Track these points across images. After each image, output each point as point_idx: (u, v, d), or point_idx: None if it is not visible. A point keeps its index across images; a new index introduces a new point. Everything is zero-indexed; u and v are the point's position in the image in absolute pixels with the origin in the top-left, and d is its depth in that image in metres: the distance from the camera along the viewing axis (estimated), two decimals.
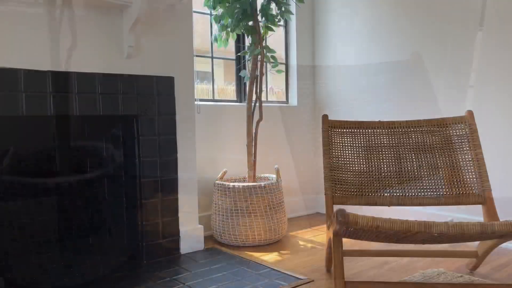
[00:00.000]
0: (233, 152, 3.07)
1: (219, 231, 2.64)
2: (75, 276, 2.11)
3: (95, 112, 2.12)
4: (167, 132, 2.38)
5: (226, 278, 2.07)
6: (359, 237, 1.61)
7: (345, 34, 3.28)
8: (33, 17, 1.96)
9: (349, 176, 2.17)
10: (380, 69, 3.07)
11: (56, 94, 2.01)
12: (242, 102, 3.19)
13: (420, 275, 2.06)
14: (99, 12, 2.15)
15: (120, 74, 2.20)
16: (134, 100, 2.25)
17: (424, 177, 2.14)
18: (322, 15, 3.45)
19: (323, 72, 3.47)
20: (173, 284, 2.00)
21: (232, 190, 2.59)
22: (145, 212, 2.31)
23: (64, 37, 2.05)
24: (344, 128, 2.25)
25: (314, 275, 2.11)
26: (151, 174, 2.32)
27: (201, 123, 2.89)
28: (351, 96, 3.27)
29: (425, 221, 1.34)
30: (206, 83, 3.07)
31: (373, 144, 2.23)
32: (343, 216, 1.34)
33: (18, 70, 1.91)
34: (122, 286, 1.98)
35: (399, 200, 2.12)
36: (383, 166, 2.19)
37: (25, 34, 1.94)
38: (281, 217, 2.69)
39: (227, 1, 2.64)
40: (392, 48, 2.99)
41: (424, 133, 2.22)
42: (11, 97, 1.89)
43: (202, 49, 3.07)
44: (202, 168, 2.90)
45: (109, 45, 2.19)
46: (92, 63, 2.13)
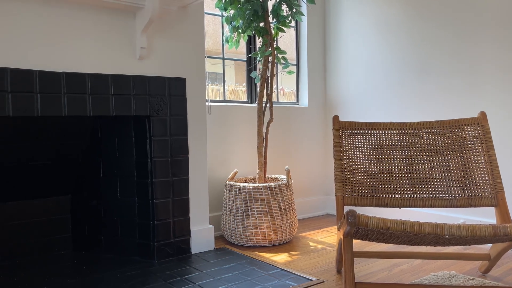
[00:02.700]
0: (244, 152, 3.08)
1: (229, 231, 2.65)
2: (88, 273, 2.14)
3: (108, 112, 2.15)
4: (178, 132, 2.40)
5: (237, 278, 2.08)
6: (370, 238, 1.60)
7: (356, 34, 3.27)
8: (46, 18, 2.00)
9: (360, 178, 2.16)
10: (391, 69, 3.06)
11: (70, 95, 2.04)
12: (253, 103, 3.20)
13: (432, 277, 2.04)
14: (113, 14, 2.18)
15: (132, 75, 2.23)
16: (146, 101, 2.27)
17: (436, 178, 2.12)
18: (333, 16, 3.45)
19: (334, 73, 3.47)
20: (184, 283, 2.02)
21: (242, 190, 2.60)
22: (156, 211, 2.33)
23: (78, 38, 2.08)
24: (355, 129, 2.25)
25: (324, 276, 2.11)
26: (162, 174, 2.34)
27: (212, 124, 2.91)
28: (362, 97, 3.26)
29: (436, 223, 1.33)
30: (217, 84, 3.09)
31: (384, 145, 2.23)
32: (353, 217, 1.35)
33: (34, 71, 1.95)
34: (133, 284, 2.00)
35: (410, 202, 2.11)
36: (394, 167, 2.18)
37: (39, 36, 1.98)
38: (292, 217, 2.69)
39: (238, 2, 2.65)
40: (403, 49, 2.97)
41: (436, 134, 2.20)
42: (27, 97, 1.93)
43: (213, 50, 3.09)
44: (212, 168, 2.92)
45: (122, 47, 2.21)
46: (105, 64, 2.16)
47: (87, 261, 2.35)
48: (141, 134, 2.33)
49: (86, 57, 2.11)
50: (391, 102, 3.07)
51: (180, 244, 2.42)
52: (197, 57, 2.49)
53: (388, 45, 3.06)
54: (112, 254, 2.44)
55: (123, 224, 2.41)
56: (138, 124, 2.35)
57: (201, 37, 2.50)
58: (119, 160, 2.40)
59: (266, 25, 2.71)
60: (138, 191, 2.37)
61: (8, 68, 1.88)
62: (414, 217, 2.94)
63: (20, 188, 2.35)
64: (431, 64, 2.83)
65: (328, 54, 3.51)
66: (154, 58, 2.32)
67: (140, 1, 2.14)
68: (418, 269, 2.20)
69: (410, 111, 2.96)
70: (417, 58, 2.90)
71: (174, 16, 2.38)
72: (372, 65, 3.18)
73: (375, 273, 2.15)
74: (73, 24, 2.07)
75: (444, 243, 1.55)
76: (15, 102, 1.90)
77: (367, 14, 3.20)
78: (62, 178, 2.48)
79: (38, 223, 2.42)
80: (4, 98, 1.87)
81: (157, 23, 2.32)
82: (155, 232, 2.33)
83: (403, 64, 2.99)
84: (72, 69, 2.07)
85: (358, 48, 3.27)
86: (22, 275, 2.13)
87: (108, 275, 2.13)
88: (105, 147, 2.43)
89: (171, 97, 2.36)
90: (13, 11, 1.91)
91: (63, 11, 2.04)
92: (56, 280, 2.06)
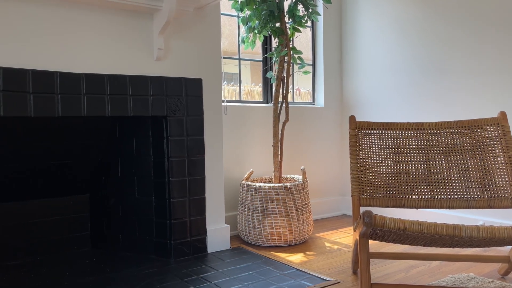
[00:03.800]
0: (259, 153, 3.09)
1: (245, 231, 2.67)
2: (106, 271, 2.18)
3: (126, 113, 2.18)
4: (195, 132, 2.42)
5: (252, 278, 2.09)
6: (386, 239, 1.59)
7: (373, 34, 3.25)
8: (67, 21, 2.04)
9: (376, 178, 2.15)
10: (408, 69, 3.03)
11: (90, 96, 2.08)
12: (269, 103, 3.21)
13: (450, 279, 2.02)
14: (131, 16, 2.21)
15: (150, 76, 2.26)
16: (163, 101, 2.30)
17: (454, 179, 2.10)
18: (349, 16, 3.43)
19: (350, 73, 3.45)
20: (200, 282, 2.04)
21: (258, 190, 2.61)
22: (173, 211, 2.35)
23: (97, 40, 2.12)
24: (372, 129, 2.24)
25: (340, 277, 2.11)
26: (179, 174, 2.37)
27: (228, 124, 2.93)
28: (378, 97, 3.24)
29: (454, 224, 1.32)
30: (233, 84, 3.11)
31: (401, 146, 2.21)
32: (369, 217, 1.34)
33: (55, 72, 1.99)
34: (150, 282, 2.03)
35: (427, 203, 2.09)
36: (411, 168, 2.16)
37: (60, 38, 2.03)
38: (307, 218, 2.69)
39: (254, 3, 2.66)
40: (421, 48, 2.94)
41: (454, 134, 2.17)
42: (48, 98, 1.97)
43: (229, 51, 3.11)
44: (228, 168, 2.93)
45: (140, 48, 2.25)
46: (123, 65, 2.20)
47: (105, 258, 2.39)
48: (159, 134, 2.36)
49: (105, 59, 2.15)
50: (408, 102, 3.04)
51: (196, 243, 2.45)
52: (213, 57, 2.51)
53: (406, 44, 3.03)
54: (130, 252, 2.48)
55: (140, 223, 2.45)
56: (155, 124, 2.38)
57: (217, 38, 2.52)
58: (136, 160, 2.44)
59: (282, 25, 2.71)
60: (155, 191, 2.40)
61: (30, 69, 1.93)
62: (432, 218, 2.90)
63: (40, 187, 2.41)
64: (449, 64, 2.79)
65: (344, 54, 3.49)
66: (171, 59, 2.35)
67: (158, 3, 2.17)
68: (436, 271, 2.17)
69: (428, 111, 2.92)
70: (434, 58, 2.87)
71: (190, 17, 2.41)
72: (389, 65, 3.15)
73: (391, 274, 2.13)
74: (93, 26, 2.11)
75: (462, 244, 1.53)
76: (37, 103, 1.95)
77: (383, 13, 3.17)
78: (81, 177, 2.53)
79: (58, 221, 2.48)
80: (25, 98, 1.92)
81: (174, 24, 2.35)
82: (172, 231, 2.36)
83: (420, 64, 2.95)
84: (92, 70, 2.11)
85: (375, 47, 3.25)
86: (43, 272, 2.18)
87: (126, 272, 2.16)
88: (123, 147, 2.47)
89: (187, 97, 2.39)
90: (35, 14, 1.96)
91: (83, 14, 2.08)
92: (75, 277, 2.11)
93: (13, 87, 1.89)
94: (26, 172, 2.33)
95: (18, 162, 2.29)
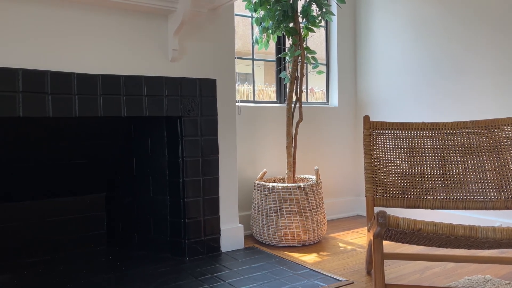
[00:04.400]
0: (273, 153, 3.09)
1: (258, 231, 2.67)
2: (122, 269, 2.21)
3: (141, 113, 2.21)
4: (209, 132, 2.44)
5: (266, 277, 2.09)
6: (401, 240, 1.59)
7: (387, 33, 3.23)
8: (84, 23, 2.08)
9: (391, 178, 2.14)
10: (423, 68, 3.00)
11: (106, 96, 2.12)
12: (282, 103, 3.21)
13: (466, 281, 2.00)
14: (146, 17, 2.24)
15: (165, 77, 2.28)
16: (178, 102, 2.32)
17: (470, 180, 2.07)
18: (364, 15, 3.41)
19: (365, 72, 3.43)
20: (214, 281, 2.05)
21: (271, 190, 2.61)
22: (187, 210, 2.38)
23: (113, 41, 2.15)
24: (386, 130, 2.22)
25: (354, 277, 2.10)
26: (193, 173, 2.39)
27: (241, 124, 2.94)
28: (393, 97, 3.21)
29: (470, 225, 1.31)
30: (247, 84, 3.12)
31: (416, 146, 2.19)
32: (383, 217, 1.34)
33: (72, 73, 2.03)
34: (165, 280, 2.05)
35: (443, 204, 2.07)
36: (427, 168, 2.14)
37: (77, 39, 2.06)
38: (321, 218, 2.68)
39: (268, 3, 2.67)
40: (436, 47, 2.91)
41: (471, 134, 2.15)
42: (66, 99, 2.01)
43: (243, 51, 3.12)
44: (242, 168, 2.95)
45: (155, 49, 2.27)
46: (139, 66, 2.23)
47: (121, 257, 2.42)
48: (173, 134, 2.39)
49: (121, 60, 2.18)
50: (423, 102, 3.01)
51: (210, 242, 2.46)
52: (227, 58, 2.52)
53: (420, 44, 3.00)
54: (145, 251, 2.51)
55: (155, 222, 2.48)
56: (170, 124, 2.40)
57: (231, 38, 2.53)
58: (151, 160, 2.47)
59: (295, 26, 2.71)
60: (170, 190, 2.43)
61: (48, 71, 1.97)
62: (447, 219, 2.87)
63: (58, 186, 2.46)
64: (464, 63, 2.76)
65: (358, 53, 3.48)
66: (186, 60, 2.37)
67: (173, 4, 2.19)
68: (452, 272, 2.15)
69: (443, 111, 2.89)
70: (450, 57, 2.83)
71: (205, 18, 2.43)
72: (403, 65, 3.13)
73: (406, 275, 2.12)
74: (109, 28, 2.14)
75: (478, 246, 1.51)
76: (55, 104, 1.99)
77: (398, 12, 3.15)
78: (97, 177, 2.57)
79: (75, 220, 2.52)
80: (44, 99, 1.96)
81: (189, 25, 2.37)
82: (186, 230, 2.38)
83: (435, 63, 2.92)
84: (108, 71, 2.14)
85: (389, 47, 3.22)
86: (60, 269, 2.22)
87: (141, 271, 2.19)
88: (138, 147, 2.50)
89: (202, 98, 2.41)
90: (52, 17, 2.00)
91: (100, 16, 2.11)
92: (92, 275, 2.14)
93: (32, 88, 1.93)
94: (44, 172, 2.38)
95: (36, 162, 2.34)
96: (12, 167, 2.30)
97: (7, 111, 1.88)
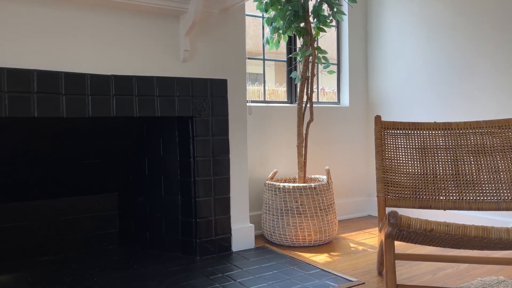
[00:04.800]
0: (284, 152, 3.10)
1: (269, 231, 2.68)
2: (134, 267, 2.24)
3: (153, 113, 2.23)
4: (220, 132, 2.45)
5: (277, 277, 2.10)
6: (412, 240, 1.58)
7: (399, 32, 3.21)
8: (97, 25, 2.10)
9: (403, 179, 2.12)
10: (435, 68, 2.97)
11: (118, 97, 2.14)
12: (293, 103, 3.21)
13: (479, 282, 1.98)
14: (158, 18, 2.26)
15: (176, 77, 2.30)
16: (189, 102, 2.34)
17: (484, 180, 2.05)
18: (375, 14, 3.39)
19: (376, 72, 3.41)
20: (225, 280, 2.06)
21: (282, 190, 2.61)
22: (199, 209, 2.39)
23: (125, 43, 2.18)
24: (398, 129, 2.21)
25: (365, 278, 2.09)
26: (204, 173, 2.40)
27: (252, 124, 2.95)
28: (405, 97, 3.19)
29: (483, 226, 1.29)
30: (257, 84, 3.12)
31: (428, 146, 2.17)
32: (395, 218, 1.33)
33: (85, 74, 2.06)
34: (177, 279, 2.07)
35: (455, 204, 2.05)
36: (439, 168, 2.12)
37: (90, 41, 2.09)
38: (332, 218, 2.68)
39: (279, 3, 2.67)
40: (449, 46, 2.88)
41: (484, 134, 2.12)
42: (79, 99, 2.04)
43: (254, 52, 3.13)
44: (253, 168, 2.95)
45: (166, 50, 2.29)
46: (150, 67, 2.25)
47: (133, 255, 2.45)
48: (184, 134, 2.40)
49: (133, 60, 2.20)
50: (435, 102, 2.98)
51: (221, 242, 2.47)
52: (238, 58, 2.53)
53: (433, 43, 2.98)
54: (156, 250, 2.53)
55: (167, 221, 2.50)
56: (181, 124, 2.42)
57: (242, 38, 2.54)
58: (163, 159, 2.49)
59: (306, 25, 2.71)
60: (181, 189, 2.44)
61: (62, 72, 2.00)
62: (460, 220, 2.84)
63: (71, 186, 2.49)
64: (477, 63, 2.72)
65: (370, 53, 3.46)
66: (197, 60, 2.39)
67: (184, 5, 2.21)
68: (464, 273, 2.13)
69: (455, 111, 2.86)
70: (462, 56, 2.80)
71: (216, 19, 2.44)
72: (415, 64, 3.10)
73: (418, 276, 2.10)
74: (122, 29, 2.16)
75: (492, 247, 1.49)
76: (69, 104, 2.02)
77: (410, 11, 3.12)
78: (110, 176, 2.60)
79: (88, 219, 2.55)
80: (58, 100, 1.99)
81: (200, 26, 2.38)
82: (197, 230, 2.39)
83: (447, 63, 2.89)
84: (120, 72, 2.16)
85: (401, 46, 3.20)
86: (73, 267, 2.25)
87: (153, 269, 2.21)
88: (150, 147, 2.53)
89: (213, 98, 2.42)
90: (65, 18, 2.03)
91: (112, 17, 2.14)
92: (104, 273, 2.17)
93: (47, 89, 1.96)
94: (58, 171, 2.42)
95: (50, 161, 2.37)
96: (27, 166, 2.33)
97: (23, 111, 1.91)
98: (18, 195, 2.34)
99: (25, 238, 2.35)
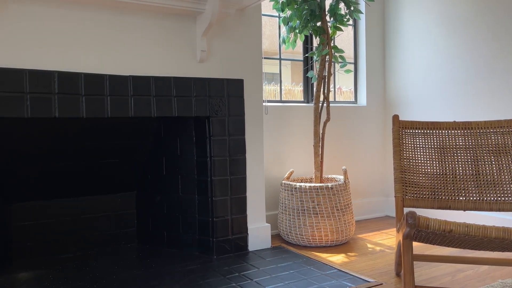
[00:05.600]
0: (300, 152, 3.09)
1: (285, 230, 2.68)
2: (152, 266, 2.26)
3: (170, 113, 2.25)
4: (236, 132, 2.46)
5: (293, 277, 2.09)
6: (431, 241, 1.55)
7: (417, 31, 3.16)
8: (116, 26, 2.14)
9: (421, 179, 2.10)
10: (454, 67, 2.92)
11: (136, 97, 2.17)
12: (309, 102, 3.20)
13: (499, 284, 1.93)
14: (175, 19, 2.28)
15: (193, 78, 2.32)
16: (206, 102, 2.36)
17: (505, 181, 2.01)
18: (393, 13, 3.35)
19: (394, 71, 3.37)
20: (241, 279, 2.07)
21: (298, 190, 2.61)
22: (215, 209, 2.41)
23: (143, 44, 2.20)
24: (416, 129, 2.18)
25: (382, 279, 2.07)
26: (221, 172, 2.41)
27: (268, 124, 2.95)
28: (423, 96, 3.15)
29: (504, 227, 1.27)
30: (274, 84, 3.12)
31: (447, 146, 2.14)
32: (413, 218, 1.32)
33: (104, 75, 2.09)
34: (194, 278, 2.09)
35: (475, 205, 2.01)
36: (458, 168, 2.09)
37: (109, 42, 2.12)
38: (349, 218, 2.66)
39: (295, 3, 2.67)
40: (469, 44, 2.83)
41: (506, 134, 2.08)
42: (98, 100, 2.07)
43: (270, 51, 3.13)
44: (269, 167, 2.95)
45: (183, 50, 2.31)
46: (168, 67, 2.27)
47: (150, 254, 2.47)
48: (201, 134, 2.42)
49: (151, 61, 2.23)
50: (454, 101, 2.93)
51: (237, 241, 2.48)
52: (254, 58, 2.54)
53: (451, 41, 2.93)
54: (173, 249, 2.56)
55: (184, 220, 2.52)
56: (198, 124, 2.44)
57: (258, 38, 2.55)
58: (180, 159, 2.51)
59: (323, 25, 2.70)
60: (198, 189, 2.46)
61: (82, 73, 2.04)
62: (480, 221, 2.79)
63: (91, 185, 2.53)
64: (497, 61, 2.67)
65: (387, 51, 3.42)
66: (214, 60, 2.40)
67: (201, 6, 2.22)
68: (485, 275, 2.09)
69: (475, 110, 2.81)
70: (482, 55, 2.75)
71: (232, 19, 2.45)
72: (434, 63, 3.06)
73: (437, 277, 2.07)
74: (139, 30, 2.19)
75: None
76: (88, 104, 2.05)
77: (428, 9, 3.08)
78: (128, 176, 2.64)
79: (107, 218, 2.60)
80: (78, 101, 2.03)
81: (216, 26, 2.40)
82: (214, 229, 2.41)
83: (467, 62, 2.84)
84: (138, 73, 2.19)
85: (419, 45, 3.16)
86: (93, 265, 2.29)
87: (170, 268, 2.24)
88: (168, 146, 2.55)
89: (229, 98, 2.43)
90: (84, 20, 2.06)
91: (129, 19, 2.17)
92: (123, 271, 2.20)
93: (67, 89, 2.00)
94: (78, 171, 2.46)
95: (70, 161, 2.42)
96: (47, 166, 2.39)
97: (44, 112, 1.96)
98: (39, 194, 2.40)
99: (46, 236, 2.41)
